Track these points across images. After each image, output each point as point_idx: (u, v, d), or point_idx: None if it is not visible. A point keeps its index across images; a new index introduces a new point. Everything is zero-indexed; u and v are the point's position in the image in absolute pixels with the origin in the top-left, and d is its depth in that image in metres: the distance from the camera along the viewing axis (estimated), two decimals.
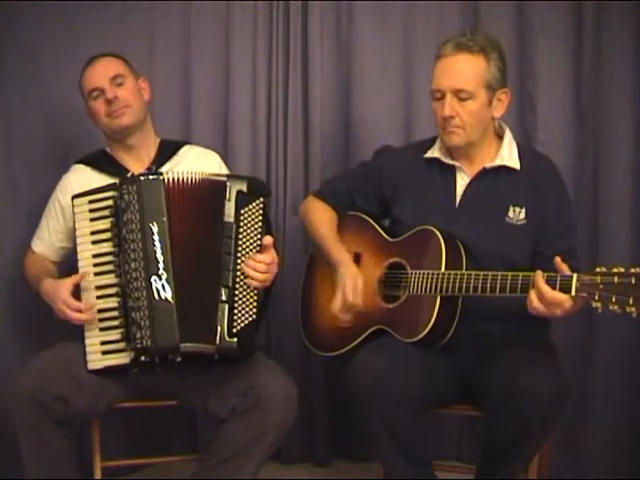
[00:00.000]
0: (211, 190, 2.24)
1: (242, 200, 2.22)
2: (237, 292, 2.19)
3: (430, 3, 2.93)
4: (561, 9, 2.81)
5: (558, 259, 2.01)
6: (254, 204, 2.23)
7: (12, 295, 2.68)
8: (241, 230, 2.21)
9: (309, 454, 3.02)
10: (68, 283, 2.21)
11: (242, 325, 2.18)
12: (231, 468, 2.19)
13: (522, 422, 2.03)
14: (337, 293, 2.30)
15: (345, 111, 3.01)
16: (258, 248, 2.21)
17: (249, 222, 2.22)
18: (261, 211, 2.23)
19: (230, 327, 2.17)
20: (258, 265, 2.19)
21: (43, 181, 2.67)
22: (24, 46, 2.73)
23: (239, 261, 2.20)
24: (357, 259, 2.41)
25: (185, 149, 2.53)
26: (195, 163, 2.45)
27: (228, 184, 2.24)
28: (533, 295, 2.01)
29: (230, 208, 2.21)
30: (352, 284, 2.29)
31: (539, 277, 2.00)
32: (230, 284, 2.19)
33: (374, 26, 2.96)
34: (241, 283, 2.19)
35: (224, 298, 2.18)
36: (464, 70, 2.21)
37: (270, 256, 2.22)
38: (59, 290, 2.21)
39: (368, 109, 2.98)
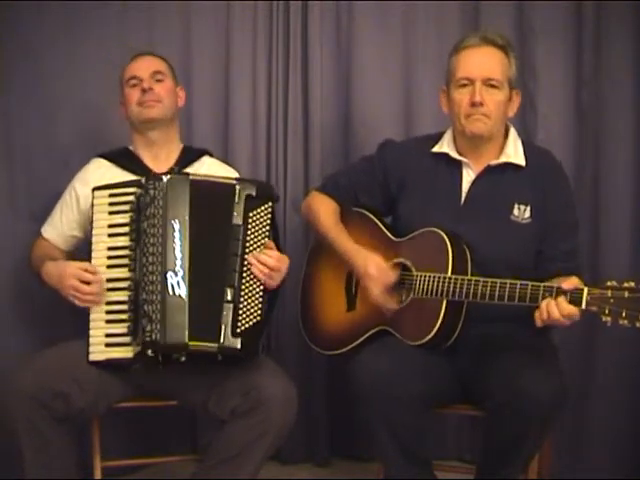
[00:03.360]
0: (222, 192, 2.26)
1: (250, 204, 2.24)
2: (242, 293, 2.20)
3: (430, 3, 2.94)
4: (561, 9, 2.82)
5: (565, 284, 2.00)
6: (262, 208, 2.25)
7: (14, 295, 2.68)
8: (249, 233, 2.23)
9: (309, 454, 3.02)
10: (79, 264, 2.23)
11: (246, 326, 2.19)
12: (231, 468, 2.19)
13: (522, 422, 2.02)
14: (371, 288, 2.28)
15: (345, 111, 3.01)
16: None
17: (257, 225, 2.24)
18: (269, 215, 2.26)
19: (234, 327, 2.18)
20: (268, 259, 2.21)
21: (43, 181, 2.67)
22: (24, 46, 2.73)
23: (245, 262, 2.21)
24: None
25: (205, 158, 2.55)
26: (213, 174, 2.46)
27: (237, 187, 2.26)
28: (544, 307, 2.00)
29: (239, 211, 2.23)
30: (375, 266, 2.28)
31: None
32: (236, 285, 2.20)
33: (374, 26, 2.96)
34: (247, 284, 2.21)
35: (229, 298, 2.19)
36: (493, 60, 2.25)
37: (278, 253, 2.24)
38: (68, 266, 2.23)
39: (368, 109, 2.98)
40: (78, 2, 2.77)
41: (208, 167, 2.52)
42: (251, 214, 2.24)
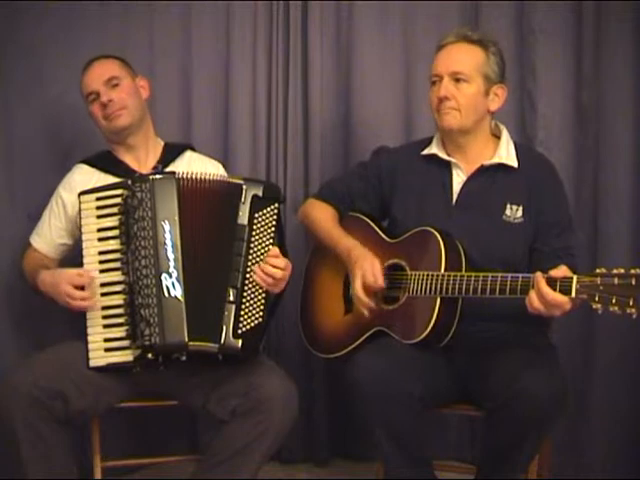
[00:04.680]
0: (227, 192, 2.25)
1: (257, 204, 2.24)
2: (245, 294, 2.19)
3: (430, 3, 2.94)
4: (561, 9, 2.82)
5: (554, 272, 2.01)
6: (268, 209, 2.24)
7: (11, 295, 2.68)
8: (254, 233, 2.22)
9: (309, 454, 3.02)
10: (72, 270, 2.22)
11: (248, 327, 2.18)
12: (231, 468, 2.19)
13: (522, 423, 2.03)
14: (355, 277, 2.27)
15: (345, 111, 3.01)
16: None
17: (262, 226, 2.23)
18: (275, 217, 2.25)
19: (235, 328, 2.17)
20: (274, 271, 2.19)
21: (43, 181, 2.67)
22: (24, 45, 2.73)
23: (249, 263, 2.20)
24: None
25: (188, 154, 2.54)
26: (198, 169, 2.45)
27: (244, 187, 2.25)
28: (533, 295, 2.01)
29: (244, 211, 2.23)
30: (370, 265, 2.26)
31: (540, 278, 2.00)
32: (239, 285, 2.19)
33: (374, 26, 2.96)
34: (250, 285, 2.20)
35: (232, 299, 2.18)
36: (462, 55, 2.27)
37: (284, 261, 2.22)
38: (62, 273, 2.22)
39: (368, 109, 2.98)
40: (78, 2, 2.77)
41: (189, 162, 2.50)
42: (257, 215, 2.23)
